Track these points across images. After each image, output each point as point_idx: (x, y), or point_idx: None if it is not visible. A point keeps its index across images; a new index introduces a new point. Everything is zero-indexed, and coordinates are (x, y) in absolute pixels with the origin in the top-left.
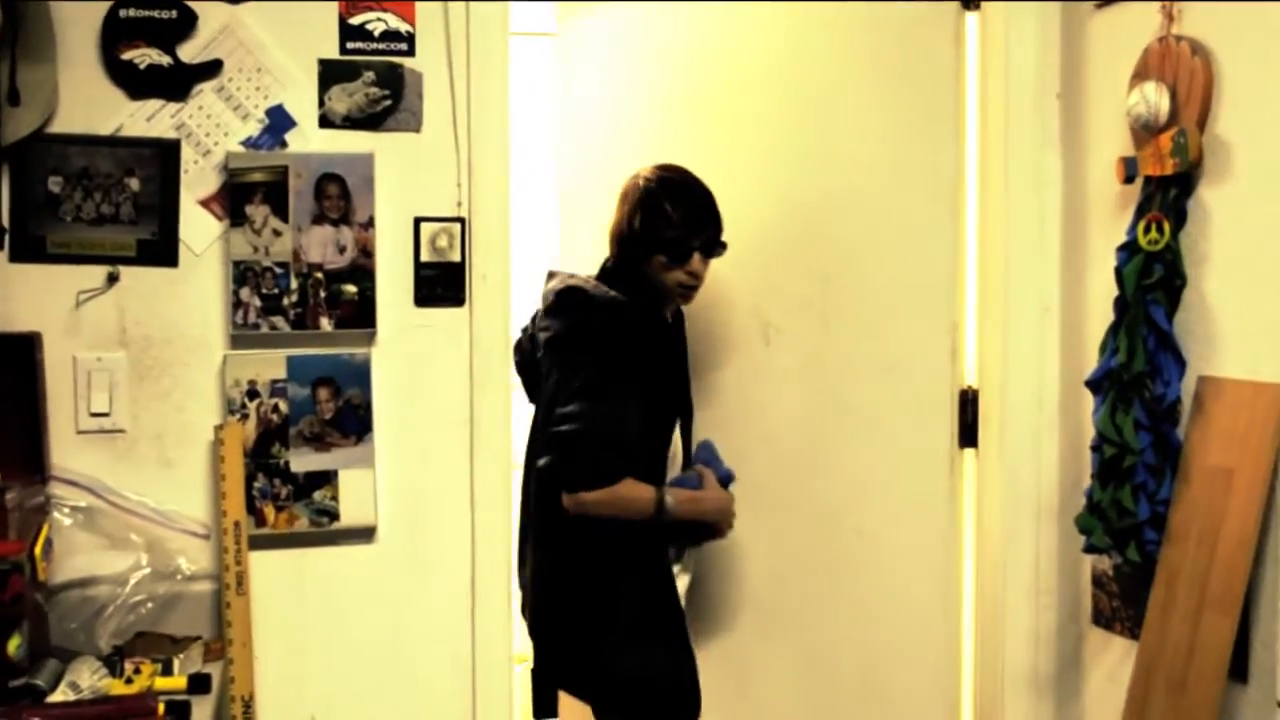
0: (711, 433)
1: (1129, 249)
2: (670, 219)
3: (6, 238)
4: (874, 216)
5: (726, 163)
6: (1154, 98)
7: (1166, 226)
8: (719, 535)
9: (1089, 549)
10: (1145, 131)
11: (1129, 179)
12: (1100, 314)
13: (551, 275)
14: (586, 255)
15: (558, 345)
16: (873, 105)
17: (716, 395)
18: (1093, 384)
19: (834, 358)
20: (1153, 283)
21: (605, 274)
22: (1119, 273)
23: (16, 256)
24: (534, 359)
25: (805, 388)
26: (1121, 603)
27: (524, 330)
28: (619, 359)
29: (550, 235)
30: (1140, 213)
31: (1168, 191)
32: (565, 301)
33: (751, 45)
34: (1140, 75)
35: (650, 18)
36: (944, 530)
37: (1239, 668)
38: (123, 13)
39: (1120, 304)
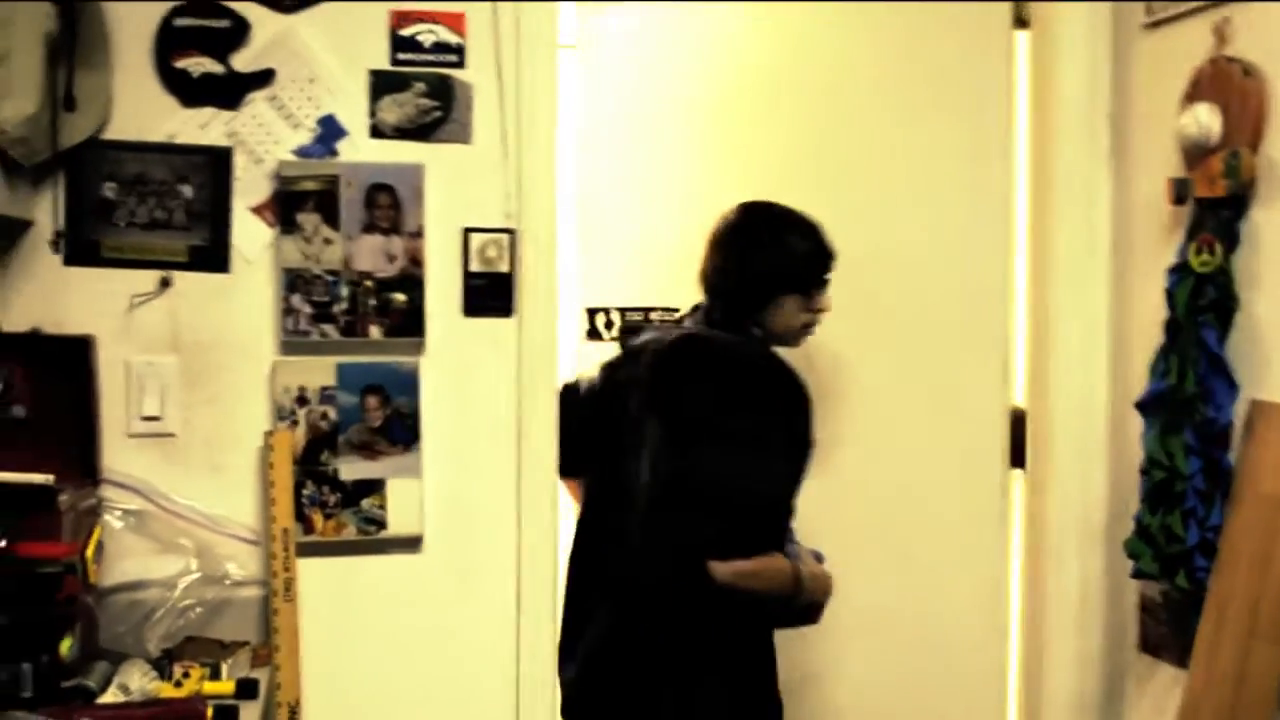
0: None
1: (1180, 270)
2: (795, 253)
3: (62, 242)
4: (924, 232)
5: (762, 176)
6: (1205, 119)
7: (1219, 248)
8: (815, 621)
9: (1137, 574)
10: (1196, 152)
11: (1179, 200)
12: (1149, 335)
13: (641, 327)
14: (606, 266)
15: (699, 401)
16: (923, 118)
17: None
18: (1142, 406)
19: (881, 378)
20: (1204, 305)
21: (714, 323)
22: (1170, 294)
23: (71, 260)
24: (590, 413)
25: (850, 409)
26: (1169, 630)
27: (575, 384)
28: (771, 413)
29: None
30: (1191, 234)
31: (1219, 213)
32: (710, 354)
33: (791, 53)
34: (1192, 96)
35: (680, 22)
36: (997, 554)
37: None
38: (177, 21)
39: (1171, 326)
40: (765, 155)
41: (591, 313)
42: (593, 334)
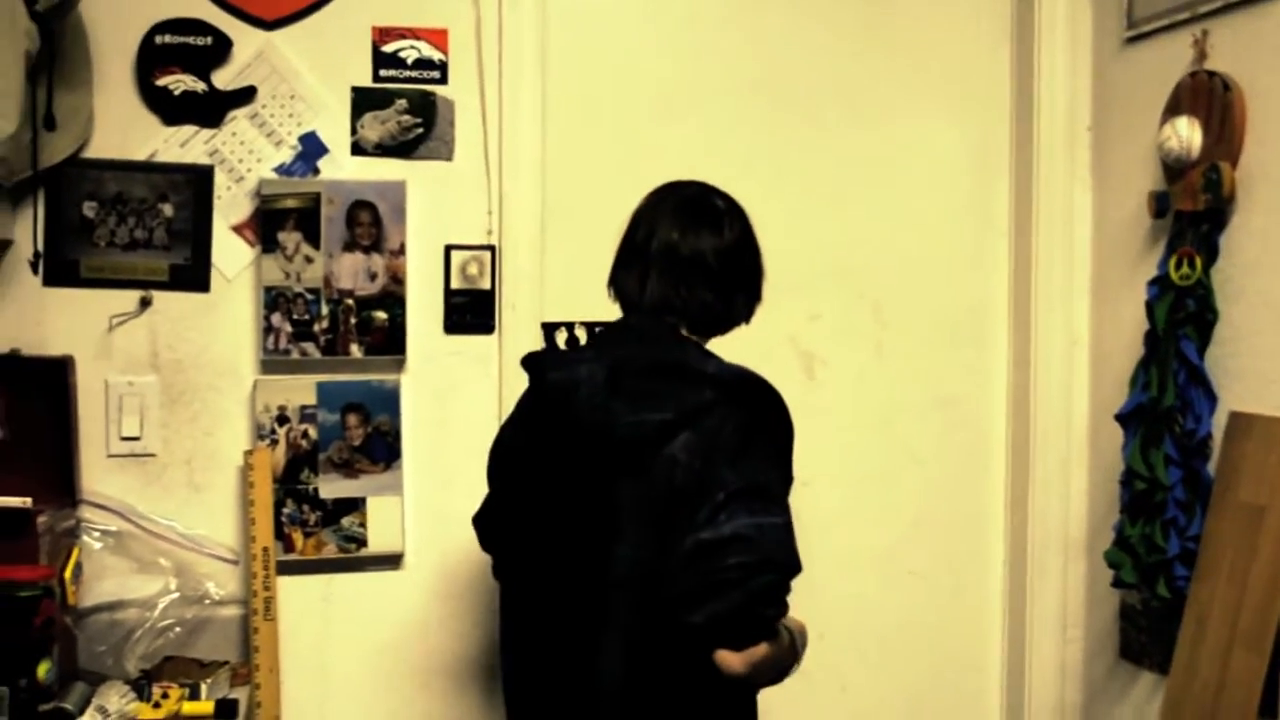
0: None
1: (1160, 284)
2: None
3: (41, 262)
4: (931, 243)
5: (741, 180)
6: (1186, 132)
7: (1198, 261)
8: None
9: (1117, 584)
10: (1177, 166)
11: (1160, 214)
12: (1130, 348)
13: (546, 355)
14: (564, 277)
15: (752, 447)
16: (930, 128)
17: None
18: (1123, 418)
19: (886, 390)
20: (1184, 317)
21: (688, 345)
22: (1150, 307)
23: (50, 280)
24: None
25: (854, 423)
26: (1150, 638)
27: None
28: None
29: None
30: (1171, 247)
31: (1199, 226)
32: (758, 390)
33: (774, 48)
34: (1172, 110)
35: (647, 16)
36: (1000, 569)
37: (1269, 705)
38: (158, 39)
39: (1151, 338)
40: (744, 158)
41: (549, 328)
42: None
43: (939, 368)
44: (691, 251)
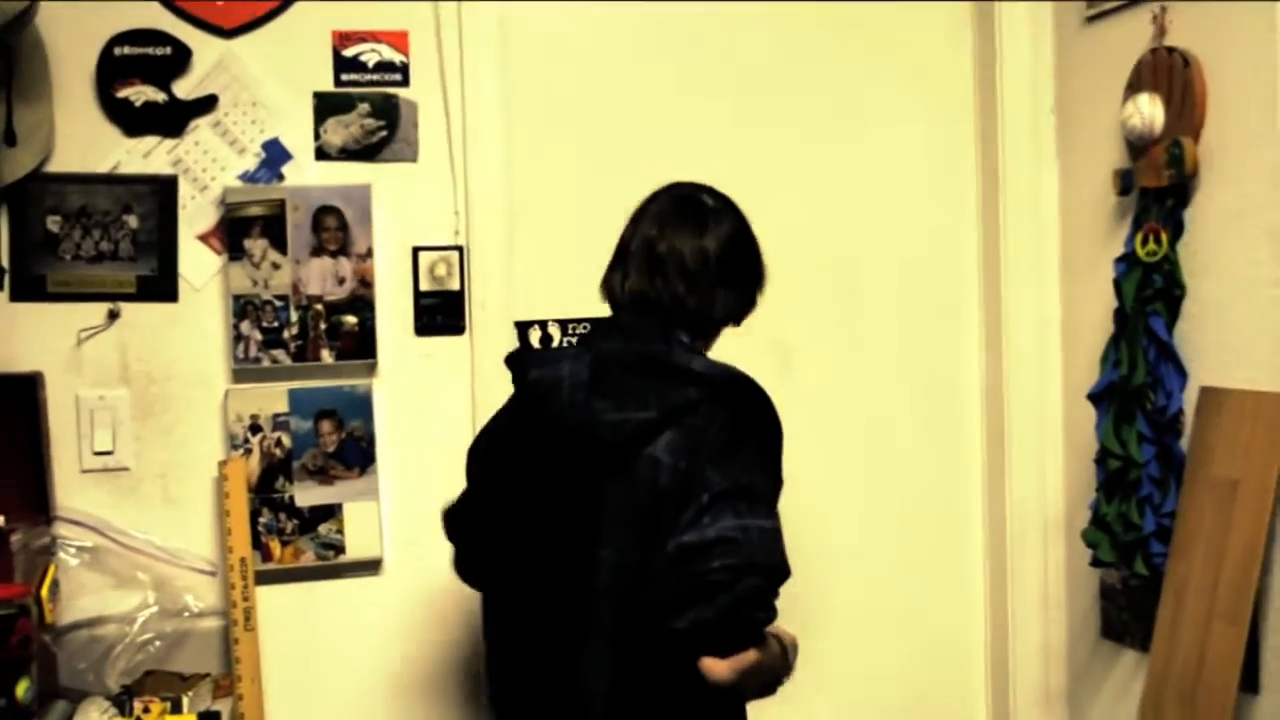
0: None
1: (1127, 260)
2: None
3: (6, 277)
4: (901, 229)
5: (721, 172)
6: (1148, 109)
7: (1164, 237)
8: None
9: (1096, 563)
10: (1140, 143)
11: (1125, 191)
12: (1100, 326)
13: (525, 354)
14: (535, 276)
15: (737, 448)
16: (894, 114)
17: None
18: (1095, 397)
19: (863, 381)
20: (1152, 294)
21: (681, 346)
22: (1118, 284)
23: (17, 296)
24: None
25: (831, 413)
26: (1131, 615)
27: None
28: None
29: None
30: (1137, 224)
31: (1164, 202)
32: (745, 390)
33: (735, 42)
34: (1134, 87)
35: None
36: (981, 552)
37: (1250, 679)
38: (117, 50)
39: (1120, 316)
40: (710, 152)
41: (523, 327)
42: None
43: (913, 354)
44: (669, 248)
